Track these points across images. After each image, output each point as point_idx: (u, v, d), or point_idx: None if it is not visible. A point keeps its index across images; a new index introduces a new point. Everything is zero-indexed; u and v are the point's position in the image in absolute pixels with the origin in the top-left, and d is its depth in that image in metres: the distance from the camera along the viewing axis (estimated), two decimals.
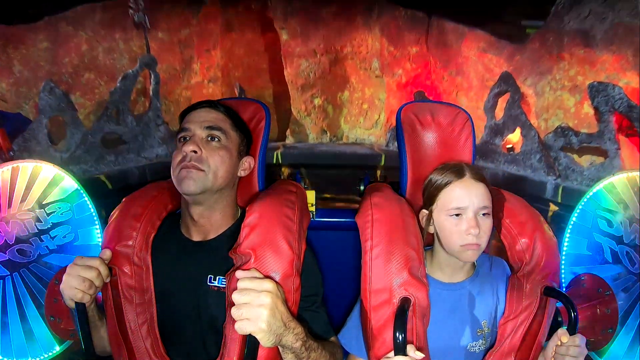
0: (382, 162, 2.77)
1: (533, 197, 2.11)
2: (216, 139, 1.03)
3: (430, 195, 1.07)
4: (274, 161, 2.79)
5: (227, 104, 1.13)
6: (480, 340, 1.06)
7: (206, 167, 0.99)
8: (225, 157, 1.03)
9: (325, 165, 2.83)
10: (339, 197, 2.79)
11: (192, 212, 1.04)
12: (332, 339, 1.09)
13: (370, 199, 1.12)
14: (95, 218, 1.37)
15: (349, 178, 2.61)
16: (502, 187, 1.22)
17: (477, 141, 2.42)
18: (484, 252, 1.04)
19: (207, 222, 1.06)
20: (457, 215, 1.00)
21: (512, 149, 2.68)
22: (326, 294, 1.10)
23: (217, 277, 1.01)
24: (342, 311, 1.16)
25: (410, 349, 0.82)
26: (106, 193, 1.99)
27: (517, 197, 1.24)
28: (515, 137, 2.67)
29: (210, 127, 1.03)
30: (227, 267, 0.98)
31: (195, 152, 0.99)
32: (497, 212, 1.18)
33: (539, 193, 2.26)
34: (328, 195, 2.76)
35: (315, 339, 0.96)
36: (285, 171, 2.79)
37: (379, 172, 2.78)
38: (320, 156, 2.95)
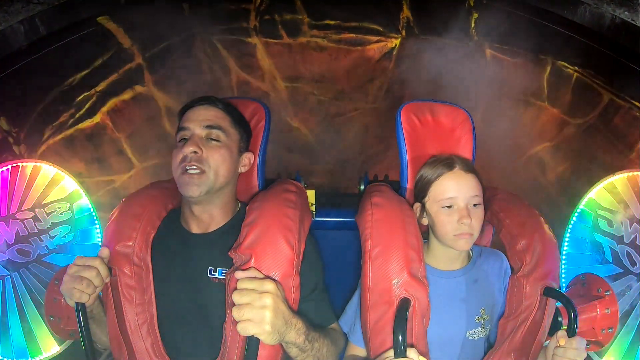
0: None
1: None
2: (216, 138, 1.03)
3: (422, 188, 1.09)
4: None
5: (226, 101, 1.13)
6: (479, 328, 1.07)
7: (207, 167, 1.00)
8: (225, 156, 1.03)
9: None
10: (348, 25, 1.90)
11: (193, 208, 1.05)
12: (334, 325, 1.10)
13: (371, 199, 1.12)
14: (95, 218, 1.37)
15: None
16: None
17: None
18: (480, 244, 1.04)
19: (208, 217, 1.06)
20: (449, 206, 1.03)
21: None
22: None
23: (218, 269, 1.01)
24: (342, 311, 1.16)
25: (413, 352, 0.82)
26: None
27: (517, 197, 1.24)
28: None
29: (209, 126, 1.03)
30: (227, 259, 0.98)
31: (195, 152, 0.99)
32: (497, 212, 1.18)
33: None
34: (331, 22, 1.95)
35: (316, 329, 0.97)
36: None
37: None
38: None
